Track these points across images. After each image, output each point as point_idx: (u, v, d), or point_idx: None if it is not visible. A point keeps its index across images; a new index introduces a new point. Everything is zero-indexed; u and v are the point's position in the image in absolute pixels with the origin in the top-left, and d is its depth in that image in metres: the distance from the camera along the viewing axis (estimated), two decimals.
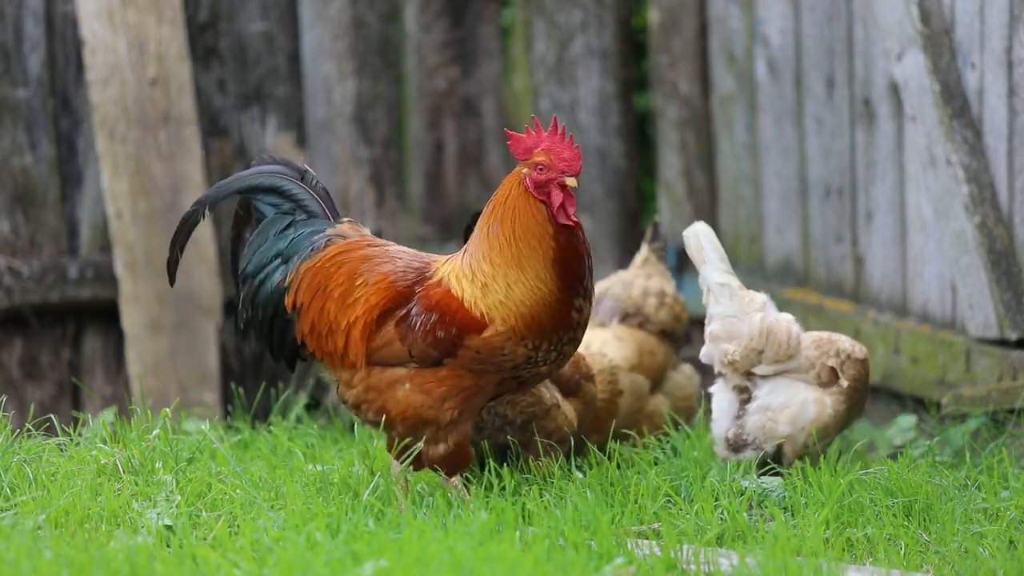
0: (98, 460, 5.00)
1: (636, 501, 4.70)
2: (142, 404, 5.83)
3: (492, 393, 4.73)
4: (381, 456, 5.16)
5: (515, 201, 4.67)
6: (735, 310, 5.18)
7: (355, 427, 5.47)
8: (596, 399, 5.26)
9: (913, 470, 5.02)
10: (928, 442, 5.83)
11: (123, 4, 7.06)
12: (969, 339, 6.19)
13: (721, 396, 5.26)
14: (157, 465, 4.96)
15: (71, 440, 5.22)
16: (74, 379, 7.16)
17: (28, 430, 5.23)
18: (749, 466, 5.12)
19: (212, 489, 4.82)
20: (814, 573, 4.15)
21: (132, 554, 4.13)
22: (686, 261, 5.45)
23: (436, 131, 7.68)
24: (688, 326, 5.96)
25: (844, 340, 5.27)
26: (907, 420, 6.37)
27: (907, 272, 6.58)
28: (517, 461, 4.99)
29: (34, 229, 7.10)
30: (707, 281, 5.20)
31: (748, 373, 5.18)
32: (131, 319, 7.09)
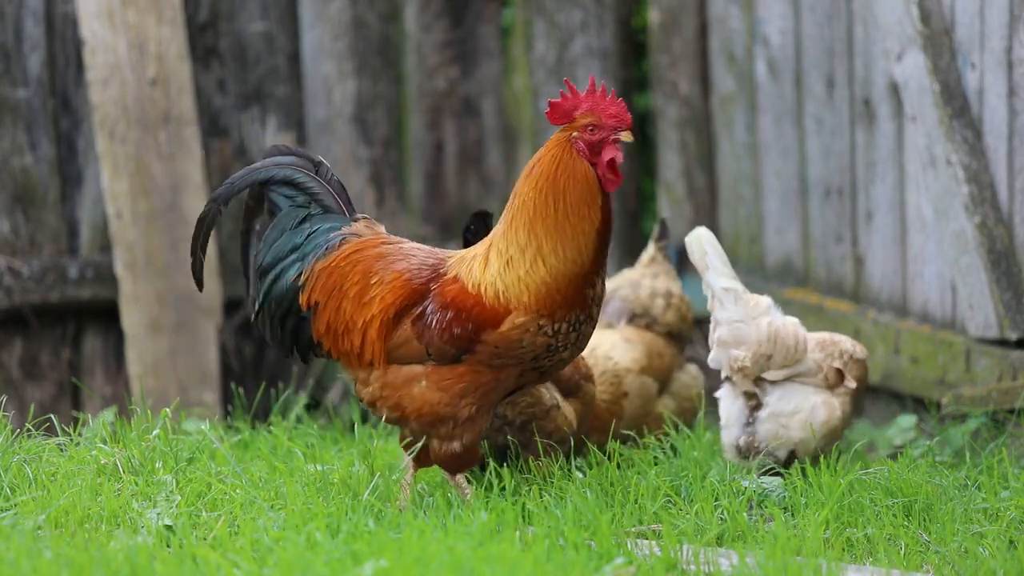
0: (98, 460, 5.00)
1: (636, 501, 4.70)
2: (142, 404, 5.83)
3: (512, 386, 4.69)
4: (381, 456, 5.16)
5: (563, 167, 4.56)
6: (741, 315, 5.17)
7: (355, 427, 5.47)
8: (595, 399, 5.26)
9: (913, 470, 5.02)
10: (928, 442, 5.83)
11: (123, 4, 7.06)
12: (969, 339, 6.19)
13: (730, 402, 5.23)
14: (157, 465, 4.96)
15: (71, 440, 5.22)
16: (74, 379, 7.16)
17: (28, 430, 5.23)
18: (750, 464, 5.12)
19: (212, 489, 4.82)
20: (814, 573, 4.15)
21: (132, 554, 4.13)
22: (686, 260, 5.44)
23: (436, 131, 7.68)
24: (693, 327, 5.95)
25: (846, 341, 5.26)
26: (907, 420, 6.37)
27: (907, 272, 6.58)
28: (517, 461, 4.99)
29: (34, 229, 7.10)
30: (712, 286, 5.19)
31: (757, 379, 5.18)
32: (131, 319, 7.09)
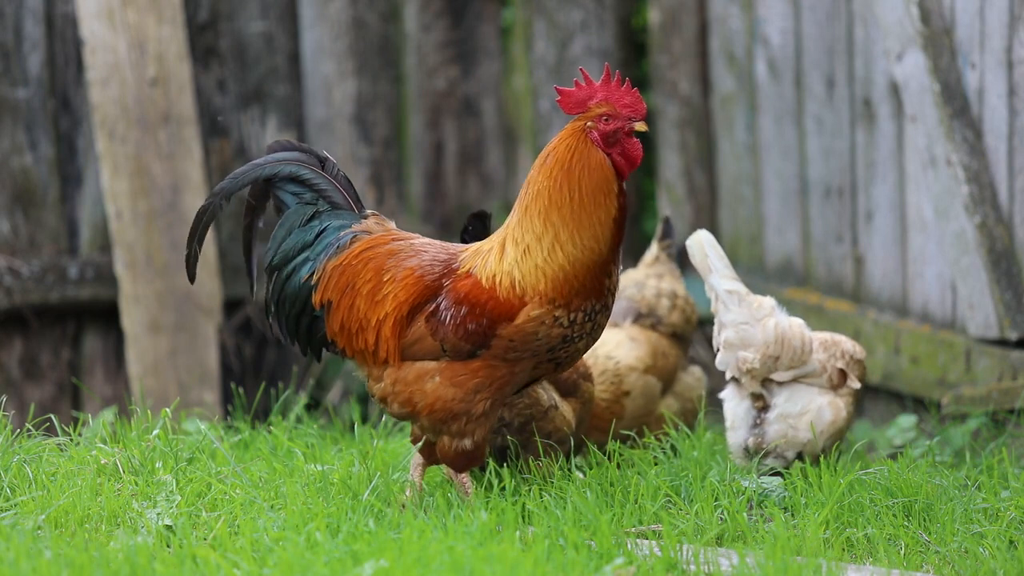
0: (98, 460, 4.99)
1: (636, 501, 4.70)
2: (142, 404, 5.83)
3: (527, 379, 4.66)
4: (381, 456, 5.16)
5: (578, 156, 4.55)
6: (747, 316, 5.16)
7: (355, 427, 5.46)
8: (594, 398, 5.25)
9: (913, 470, 5.02)
10: (928, 442, 5.83)
11: (123, 4, 7.06)
12: (969, 339, 6.19)
13: (736, 404, 5.23)
14: (157, 465, 4.96)
15: (71, 440, 5.22)
16: (74, 379, 7.16)
17: (28, 430, 5.23)
18: (750, 465, 5.12)
19: (212, 489, 4.81)
20: (814, 573, 4.15)
21: (132, 554, 4.13)
22: (686, 260, 5.44)
23: (436, 131, 7.68)
24: (696, 328, 5.94)
25: (846, 341, 5.26)
26: (907, 420, 6.37)
27: (907, 272, 6.58)
28: (517, 461, 4.98)
29: (34, 229, 7.10)
30: (715, 289, 5.18)
31: (764, 380, 5.17)
32: (131, 319, 7.09)
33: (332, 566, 4.04)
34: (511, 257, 4.56)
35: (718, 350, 5.19)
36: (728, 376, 5.22)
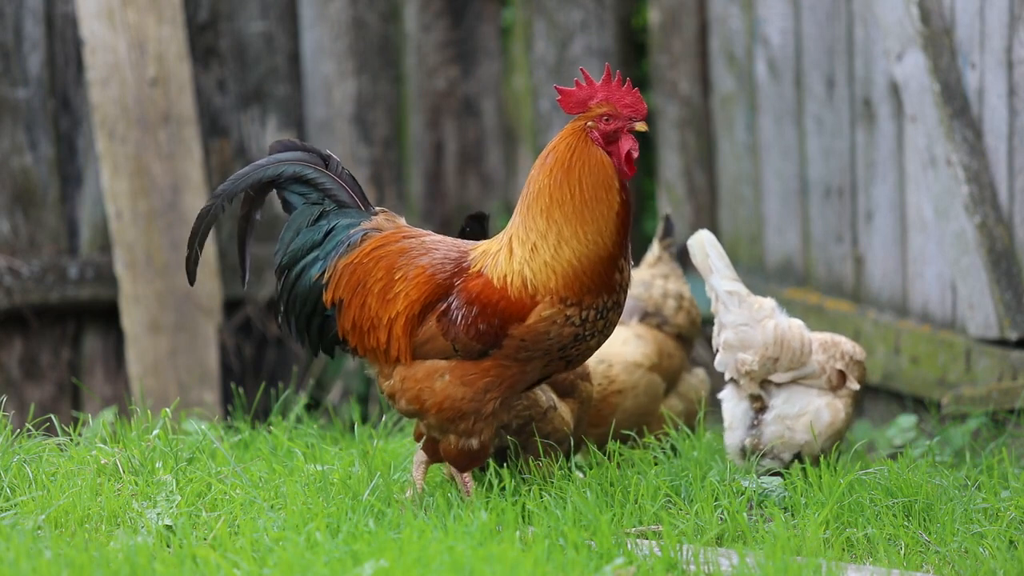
0: (98, 460, 4.99)
1: (636, 501, 4.70)
2: (142, 404, 5.83)
3: (538, 377, 4.66)
4: (381, 456, 5.16)
5: (579, 155, 4.56)
6: (746, 318, 5.16)
7: (355, 427, 5.46)
8: (592, 398, 5.25)
9: (913, 470, 5.02)
10: (928, 442, 5.83)
11: (123, 4, 7.06)
12: (969, 339, 6.19)
13: (734, 405, 5.23)
14: (157, 465, 4.96)
15: (71, 440, 5.22)
16: (74, 379, 7.16)
17: (28, 430, 5.23)
18: (750, 465, 5.12)
19: (212, 489, 4.81)
20: (814, 573, 4.15)
21: (132, 554, 4.13)
22: (686, 260, 5.44)
23: (436, 131, 7.68)
24: (700, 331, 5.94)
25: (846, 342, 5.26)
26: (907, 420, 6.37)
27: (907, 272, 6.58)
28: (516, 461, 4.98)
29: (34, 229, 7.10)
30: (716, 290, 5.18)
31: (763, 381, 5.17)
32: (131, 319, 7.09)
33: (332, 566, 4.04)
34: (519, 256, 4.56)
35: (717, 351, 5.19)
36: (727, 377, 5.22)
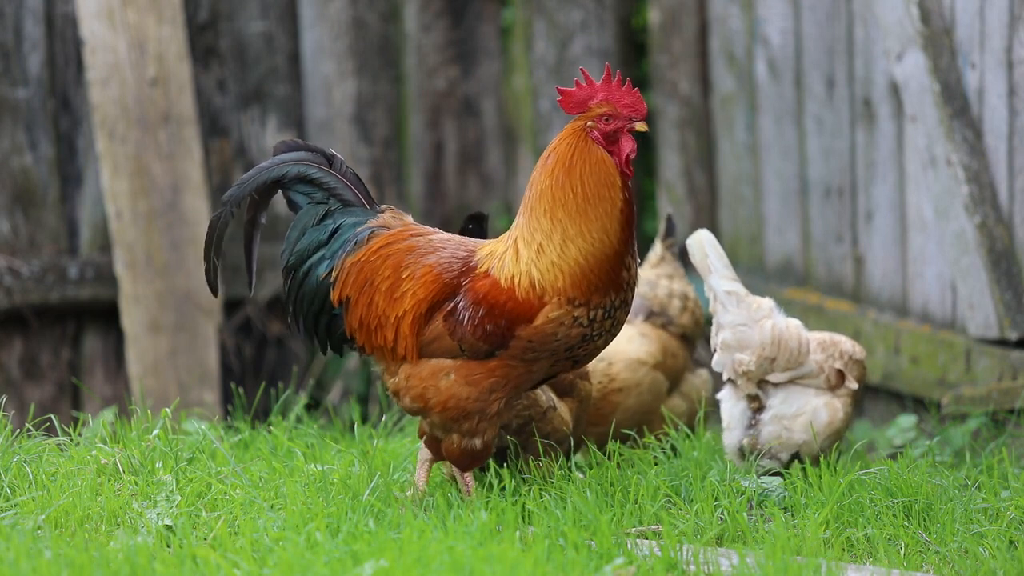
0: (98, 460, 5.00)
1: (636, 501, 4.70)
2: (142, 404, 5.83)
3: (543, 377, 4.66)
4: (381, 456, 5.16)
5: (580, 154, 4.56)
6: (744, 318, 5.16)
7: (355, 427, 5.46)
8: (591, 397, 5.25)
9: (913, 470, 5.02)
10: (928, 442, 5.83)
11: (123, 4, 7.06)
12: (969, 339, 6.19)
13: (732, 405, 5.23)
14: (157, 465, 4.96)
15: (71, 440, 5.22)
16: (74, 379, 7.16)
17: (28, 430, 5.23)
18: (750, 465, 5.12)
19: (212, 489, 4.81)
20: (814, 573, 4.15)
21: (132, 554, 4.13)
22: (686, 260, 5.44)
23: (436, 131, 7.68)
24: (703, 332, 5.94)
25: (845, 341, 5.26)
26: (907, 420, 6.37)
27: (907, 272, 6.58)
28: (516, 461, 4.98)
29: (34, 229, 7.10)
30: (715, 290, 5.18)
31: (760, 381, 5.17)
32: (131, 319, 7.09)
33: (332, 566, 4.04)
34: (526, 257, 4.56)
35: (715, 351, 5.19)
36: (724, 377, 5.23)
